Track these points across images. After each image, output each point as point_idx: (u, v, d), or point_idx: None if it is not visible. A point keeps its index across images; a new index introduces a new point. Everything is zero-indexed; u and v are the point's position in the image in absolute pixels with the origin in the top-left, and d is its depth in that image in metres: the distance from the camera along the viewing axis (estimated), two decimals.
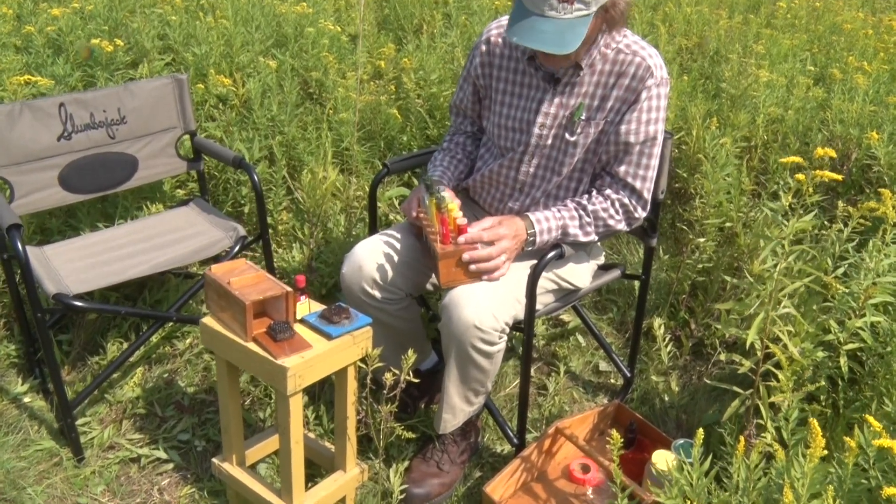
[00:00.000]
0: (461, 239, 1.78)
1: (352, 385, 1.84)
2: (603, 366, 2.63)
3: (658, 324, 2.59)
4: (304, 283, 1.79)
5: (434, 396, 2.35)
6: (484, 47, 2.05)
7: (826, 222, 2.63)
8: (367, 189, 3.19)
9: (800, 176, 1.47)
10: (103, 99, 2.37)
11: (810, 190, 1.46)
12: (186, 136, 2.61)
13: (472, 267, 1.78)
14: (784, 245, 1.55)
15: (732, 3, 4.87)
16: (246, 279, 1.76)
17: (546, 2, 1.66)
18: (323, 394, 2.36)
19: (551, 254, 1.88)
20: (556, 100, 1.92)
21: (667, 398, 2.38)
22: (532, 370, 2.58)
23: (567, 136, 1.92)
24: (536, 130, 1.94)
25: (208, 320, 1.79)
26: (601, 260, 2.21)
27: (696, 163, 2.99)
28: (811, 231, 2.26)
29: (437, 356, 2.39)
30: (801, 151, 2.96)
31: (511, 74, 2.01)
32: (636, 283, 2.91)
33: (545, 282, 1.98)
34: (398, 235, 2.04)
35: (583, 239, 1.92)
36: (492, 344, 1.81)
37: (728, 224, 2.64)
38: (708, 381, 2.11)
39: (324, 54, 3.53)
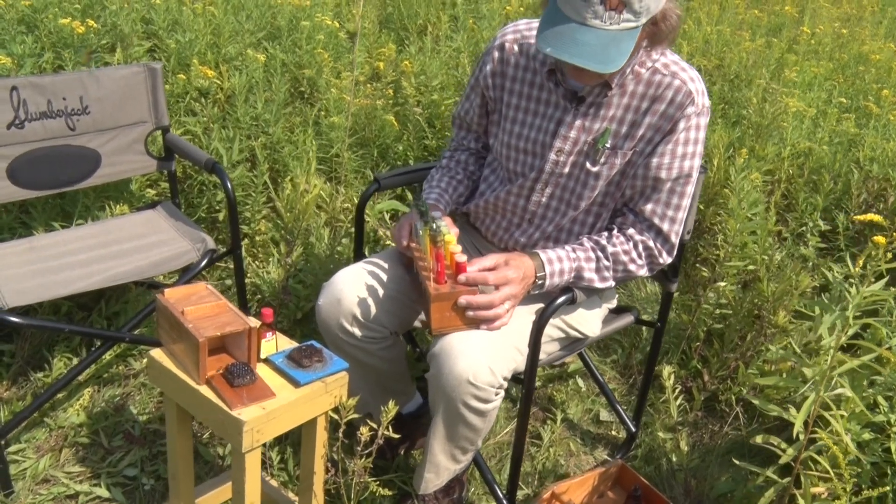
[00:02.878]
0: (460, 279, 1.52)
1: (321, 437, 1.58)
2: (604, 415, 2.38)
3: (668, 372, 2.34)
4: (272, 318, 1.53)
5: (416, 442, 2.09)
6: (497, 54, 1.80)
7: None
8: (356, 202, 2.94)
9: (879, 239, 1.22)
10: (63, 85, 2.10)
11: (889, 255, 1.21)
12: (158, 133, 2.34)
13: (470, 313, 1.53)
14: (849, 318, 1.29)
15: (754, 24, 4.64)
16: (203, 309, 1.49)
17: (590, 8, 1.39)
18: (290, 433, 2.09)
19: (561, 299, 1.63)
20: (578, 122, 1.66)
21: (674, 458, 2.13)
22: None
23: (588, 165, 1.67)
24: (553, 156, 1.69)
25: (157, 353, 1.52)
26: (613, 304, 1.96)
27: (713, 195, 2.75)
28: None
29: (421, 398, 2.13)
30: (831, 191, 2.72)
31: (527, 88, 1.75)
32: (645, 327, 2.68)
33: (551, 329, 1.73)
34: (385, 265, 1.79)
35: (598, 285, 1.67)
36: (486, 401, 1.55)
37: (751, 267, 2.40)
38: (737, 462, 1.85)
39: (318, 51, 3.26)
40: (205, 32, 3.16)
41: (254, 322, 1.50)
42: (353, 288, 1.70)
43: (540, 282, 1.61)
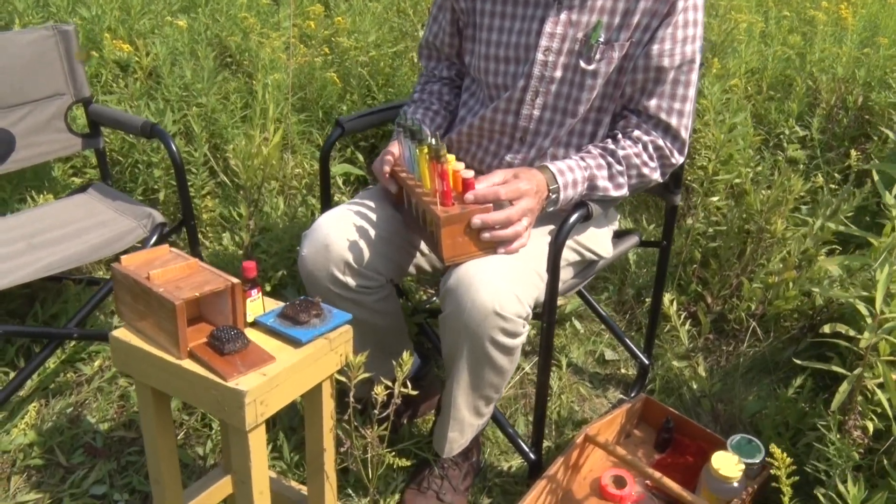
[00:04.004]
0: (467, 197, 1.32)
1: (328, 406, 1.36)
2: (609, 354, 2.23)
3: (669, 299, 2.20)
4: (255, 272, 1.30)
5: (419, 409, 1.89)
6: None
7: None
8: (307, 167, 2.70)
9: None
10: None
11: None
12: (79, 106, 2.05)
13: (486, 235, 1.33)
14: None
15: None
16: (172, 271, 1.25)
17: None
18: (279, 417, 1.86)
19: (576, 215, 1.45)
20: (564, 16, 1.49)
21: (695, 386, 2.00)
22: (527, 367, 2.16)
23: (583, 63, 1.50)
24: (540, 56, 1.51)
25: (121, 333, 1.27)
26: (616, 225, 1.81)
27: None
28: None
29: (419, 359, 1.93)
30: (804, 95, 2.64)
31: None
32: (630, 254, 2.54)
33: (566, 252, 1.56)
34: (371, 204, 1.57)
35: (613, 193, 1.50)
36: (515, 335, 1.37)
37: (737, 181, 2.28)
38: (798, 362, 1.70)
39: (242, 15, 2.99)
40: (111, 7, 2.84)
41: (235, 279, 1.26)
42: (341, 231, 1.48)
43: (554, 195, 1.42)
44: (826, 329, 1.40)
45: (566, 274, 1.61)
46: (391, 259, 1.55)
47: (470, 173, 1.33)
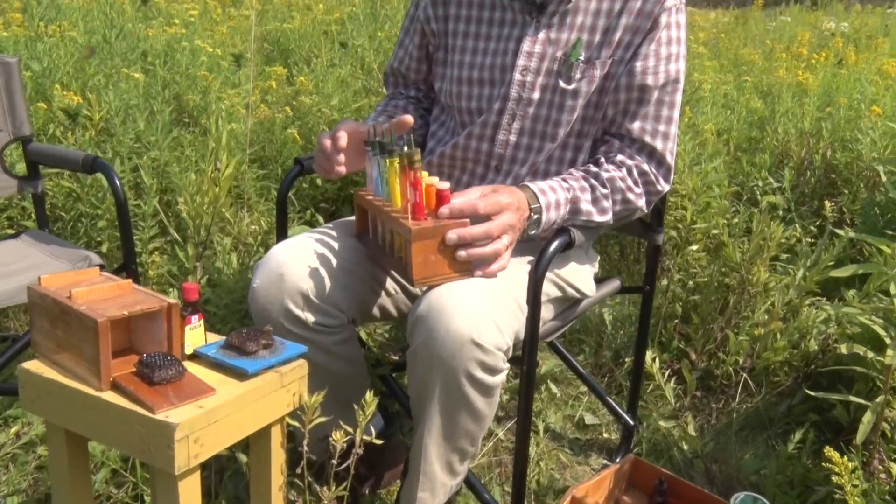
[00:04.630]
0: (443, 212, 1.19)
1: (279, 457, 1.17)
2: (589, 418, 2.06)
3: (650, 357, 2.06)
4: (198, 295, 1.13)
5: (383, 478, 1.69)
6: None
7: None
8: (264, 225, 2.56)
9: None
10: None
11: None
12: (17, 146, 1.90)
13: (462, 253, 1.19)
14: None
15: None
16: (99, 290, 1.08)
17: None
18: (218, 470, 1.63)
19: (558, 241, 1.32)
20: (542, 34, 1.41)
21: (686, 447, 1.83)
22: (501, 433, 1.98)
23: (562, 83, 1.41)
24: (518, 76, 1.42)
25: (32, 365, 1.08)
26: (596, 267, 1.68)
27: None
28: None
29: (383, 419, 1.74)
30: (774, 148, 2.62)
31: (475, 11, 1.49)
32: (606, 314, 2.41)
33: (548, 285, 1.42)
34: (332, 233, 1.43)
35: (597, 218, 1.38)
36: (494, 371, 1.20)
37: (714, 231, 2.20)
38: (811, 394, 1.56)
39: (202, 73, 2.91)
40: (65, 60, 2.74)
41: (172, 300, 1.09)
42: (298, 260, 1.33)
43: (536, 216, 1.30)
44: (843, 349, 1.27)
45: (547, 312, 1.46)
46: (354, 293, 1.39)
47: (445, 185, 1.21)
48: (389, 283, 1.50)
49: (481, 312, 1.18)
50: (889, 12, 7.77)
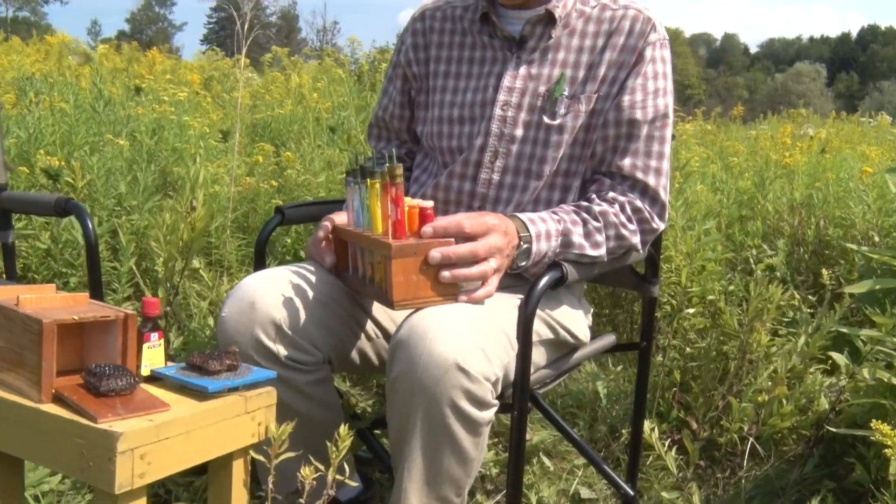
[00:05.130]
0: (426, 230, 1.12)
1: (241, 495, 1.04)
2: (585, 492, 1.91)
3: (649, 427, 1.94)
4: (159, 310, 1.04)
5: None
6: (417, 25, 1.53)
7: None
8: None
9: None
10: None
11: None
12: None
13: (446, 274, 1.11)
14: None
15: None
16: (51, 299, 0.99)
17: None
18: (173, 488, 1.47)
19: (549, 275, 1.24)
20: (523, 70, 1.39)
21: None
22: None
23: (546, 119, 1.37)
24: (498, 111, 1.38)
25: None
26: (590, 319, 1.59)
27: None
28: None
29: (361, 481, 1.60)
30: (766, 218, 2.60)
31: (456, 51, 1.48)
32: (600, 387, 2.30)
33: (539, 325, 1.33)
34: (309, 266, 1.35)
35: (590, 252, 1.31)
36: (481, 404, 1.10)
37: (710, 297, 2.13)
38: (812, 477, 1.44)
39: (187, 146, 2.90)
40: (52, 130, 2.73)
41: (131, 311, 1.00)
42: (271, 289, 1.24)
43: (525, 244, 1.23)
44: (864, 374, 1.17)
45: (539, 356, 1.37)
46: (330, 330, 1.30)
47: (429, 203, 1.14)
48: (370, 327, 1.41)
49: (467, 337, 1.09)
50: (863, 121, 8.07)
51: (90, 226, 1.61)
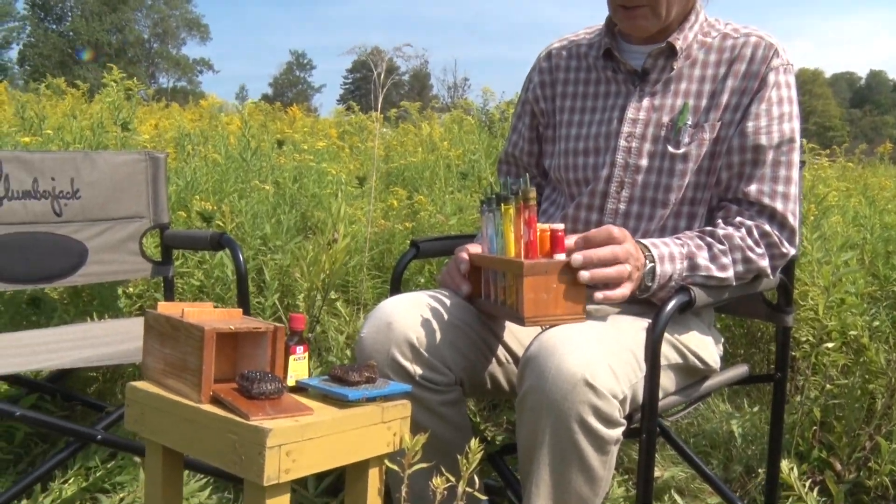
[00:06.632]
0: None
1: (374, 500, 1.10)
2: None
3: (787, 466, 1.84)
4: (304, 325, 1.14)
5: None
6: (544, 64, 1.59)
7: None
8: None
9: None
10: (54, 164, 1.85)
11: None
12: (154, 233, 2.06)
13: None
14: None
15: None
16: (210, 313, 1.11)
17: None
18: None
19: (677, 298, 1.24)
20: (646, 101, 1.41)
21: None
22: None
23: (671, 148, 1.39)
24: (623, 143, 1.41)
25: (140, 384, 1.10)
26: (720, 348, 1.56)
27: None
28: None
29: None
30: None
31: (581, 87, 1.53)
32: (734, 425, 2.21)
33: (668, 349, 1.32)
34: (444, 292, 1.41)
35: (717, 273, 1.30)
36: (609, 421, 1.11)
37: (852, 332, 2.01)
38: None
39: (326, 191, 3.10)
40: (207, 179, 3.00)
41: (280, 325, 1.10)
42: (407, 311, 1.31)
43: (650, 264, 1.24)
44: None
45: (667, 380, 1.35)
46: (462, 353, 1.35)
47: (560, 226, 1.19)
48: (501, 352, 1.45)
49: (596, 354, 1.11)
50: None
51: (241, 258, 1.77)
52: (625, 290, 1.17)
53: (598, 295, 1.15)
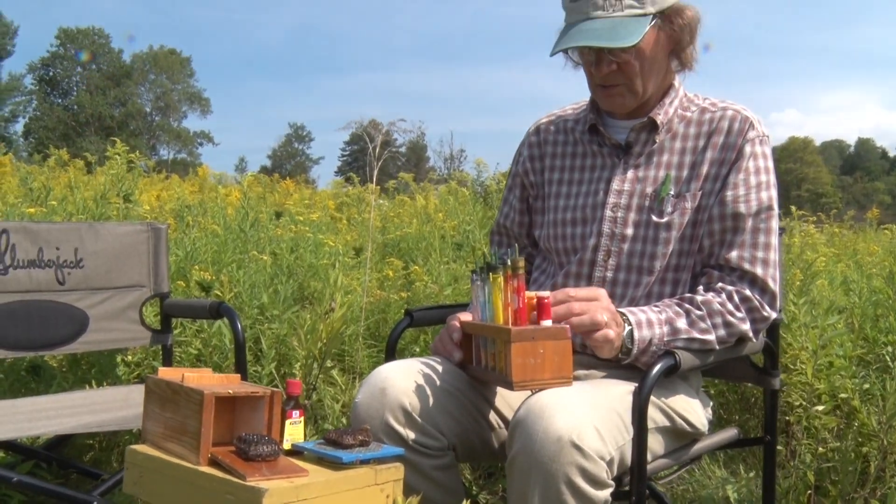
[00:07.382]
0: (544, 325, 1.21)
1: None
2: None
3: None
4: (300, 390, 1.17)
5: None
6: (533, 138, 1.67)
7: None
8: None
9: None
10: (59, 234, 1.91)
11: None
12: (154, 302, 2.10)
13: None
14: None
15: None
16: (209, 378, 1.14)
17: (589, 3, 1.39)
18: None
19: (662, 362, 1.28)
20: (630, 173, 1.49)
21: None
22: None
23: (655, 217, 1.46)
24: (609, 213, 1.48)
25: (139, 447, 1.13)
26: (709, 412, 1.59)
27: None
28: None
29: None
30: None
31: (568, 160, 1.60)
32: (730, 491, 2.21)
33: (655, 412, 1.36)
34: (436, 360, 1.45)
35: (699, 336, 1.35)
36: (596, 482, 1.14)
37: (842, 395, 2.04)
38: None
39: (323, 262, 3.15)
40: (206, 249, 3.06)
41: (277, 389, 1.14)
42: (401, 377, 1.35)
43: (628, 327, 1.29)
44: None
45: (656, 443, 1.38)
46: (455, 419, 1.38)
47: (546, 294, 1.24)
48: (493, 417, 1.48)
49: (583, 416, 1.14)
50: None
51: (239, 326, 1.81)
52: (607, 332, 1.24)
53: (577, 316, 1.24)
